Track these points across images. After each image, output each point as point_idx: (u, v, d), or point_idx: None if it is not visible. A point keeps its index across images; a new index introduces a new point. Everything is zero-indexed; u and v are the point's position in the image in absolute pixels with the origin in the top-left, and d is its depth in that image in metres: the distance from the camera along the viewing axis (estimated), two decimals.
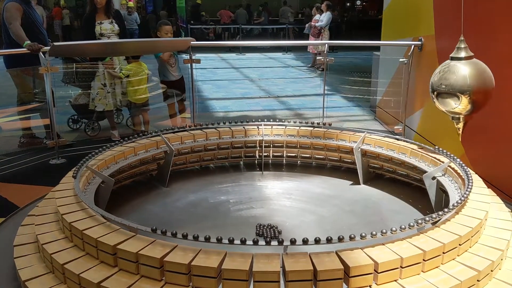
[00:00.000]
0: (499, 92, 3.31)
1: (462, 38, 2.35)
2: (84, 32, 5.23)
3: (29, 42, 4.51)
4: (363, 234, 1.70)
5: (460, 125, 2.50)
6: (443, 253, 1.72)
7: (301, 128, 3.34)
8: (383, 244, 1.71)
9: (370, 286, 1.60)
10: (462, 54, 2.33)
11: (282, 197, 2.98)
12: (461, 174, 2.38)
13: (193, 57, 5.05)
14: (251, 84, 9.92)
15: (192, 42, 5.00)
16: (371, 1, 22.29)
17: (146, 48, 5.40)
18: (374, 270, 1.60)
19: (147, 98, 5.50)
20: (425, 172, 2.65)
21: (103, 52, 5.05)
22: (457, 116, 2.45)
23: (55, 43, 4.52)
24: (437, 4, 4.36)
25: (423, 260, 1.67)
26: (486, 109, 3.47)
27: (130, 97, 5.34)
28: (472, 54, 2.34)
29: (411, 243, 1.72)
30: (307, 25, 12.90)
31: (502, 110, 3.27)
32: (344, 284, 1.58)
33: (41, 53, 4.47)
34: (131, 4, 14.50)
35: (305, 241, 1.66)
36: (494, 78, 2.36)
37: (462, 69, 2.31)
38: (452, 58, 2.36)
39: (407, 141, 2.98)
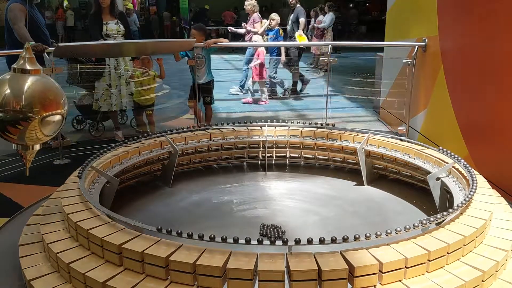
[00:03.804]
0: (503, 92, 3.32)
1: (28, 46, 1.84)
2: (90, 32, 5.25)
3: (33, 42, 4.53)
4: (368, 234, 1.70)
5: (30, 155, 1.89)
6: (448, 253, 1.72)
7: (305, 128, 3.34)
8: (388, 244, 1.71)
9: (374, 286, 1.60)
10: (27, 65, 1.79)
11: (285, 198, 2.99)
12: (466, 174, 2.38)
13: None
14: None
15: (196, 44, 5.03)
16: (374, 2, 22.22)
17: (151, 49, 5.41)
18: (379, 270, 1.60)
19: (154, 99, 5.52)
20: (429, 173, 2.65)
21: (108, 53, 5.07)
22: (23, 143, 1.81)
23: (60, 44, 4.54)
24: (441, 5, 4.35)
25: (428, 260, 1.67)
26: (489, 109, 3.48)
27: (136, 97, 5.36)
28: (40, 67, 1.86)
29: (416, 243, 1.72)
30: (309, 27, 12.90)
31: (506, 111, 3.27)
32: (348, 284, 1.58)
33: (45, 53, 4.49)
34: (130, 5, 14.54)
35: (309, 241, 1.66)
36: (63, 97, 1.86)
37: (23, 84, 1.75)
38: (15, 70, 1.80)
39: (411, 142, 2.98)
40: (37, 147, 1.84)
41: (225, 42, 5.61)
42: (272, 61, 7.98)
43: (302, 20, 8.22)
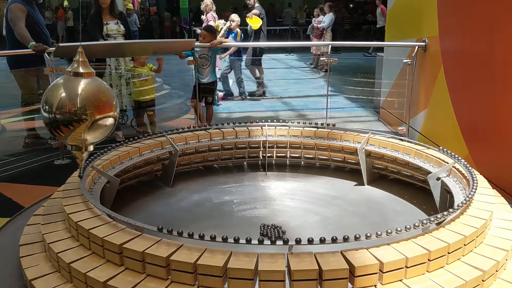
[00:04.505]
0: (503, 92, 3.32)
1: (81, 50, 1.87)
2: (90, 32, 5.24)
3: (34, 42, 4.53)
4: (368, 234, 1.70)
5: (84, 155, 1.91)
6: (448, 253, 1.72)
7: (305, 128, 3.35)
8: (388, 244, 1.72)
9: (375, 285, 1.60)
10: (80, 69, 1.83)
11: (285, 198, 2.99)
12: (466, 174, 2.38)
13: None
14: (253, 85, 9.90)
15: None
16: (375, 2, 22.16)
17: (151, 49, 5.41)
18: (379, 270, 1.60)
19: (154, 98, 5.52)
20: (430, 172, 2.65)
21: (108, 53, 5.06)
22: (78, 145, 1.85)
23: (61, 44, 4.54)
24: (441, 5, 4.36)
25: (428, 260, 1.67)
26: (489, 109, 3.48)
27: (135, 96, 5.35)
28: (93, 71, 1.87)
29: (416, 243, 1.72)
30: (310, 26, 12.90)
31: (506, 111, 3.27)
32: (349, 283, 1.58)
33: (46, 53, 4.49)
34: (130, 6, 14.51)
35: (310, 241, 1.66)
36: (114, 99, 1.86)
37: (77, 87, 1.78)
38: (68, 73, 1.84)
39: (411, 142, 2.98)
40: (91, 148, 1.87)
41: (230, 42, 5.58)
42: (234, 62, 7.96)
43: (255, 11, 7.99)
